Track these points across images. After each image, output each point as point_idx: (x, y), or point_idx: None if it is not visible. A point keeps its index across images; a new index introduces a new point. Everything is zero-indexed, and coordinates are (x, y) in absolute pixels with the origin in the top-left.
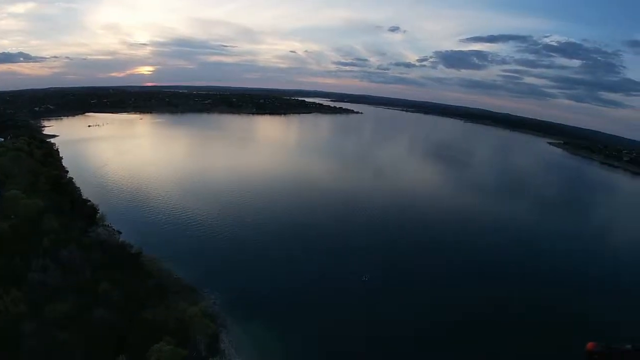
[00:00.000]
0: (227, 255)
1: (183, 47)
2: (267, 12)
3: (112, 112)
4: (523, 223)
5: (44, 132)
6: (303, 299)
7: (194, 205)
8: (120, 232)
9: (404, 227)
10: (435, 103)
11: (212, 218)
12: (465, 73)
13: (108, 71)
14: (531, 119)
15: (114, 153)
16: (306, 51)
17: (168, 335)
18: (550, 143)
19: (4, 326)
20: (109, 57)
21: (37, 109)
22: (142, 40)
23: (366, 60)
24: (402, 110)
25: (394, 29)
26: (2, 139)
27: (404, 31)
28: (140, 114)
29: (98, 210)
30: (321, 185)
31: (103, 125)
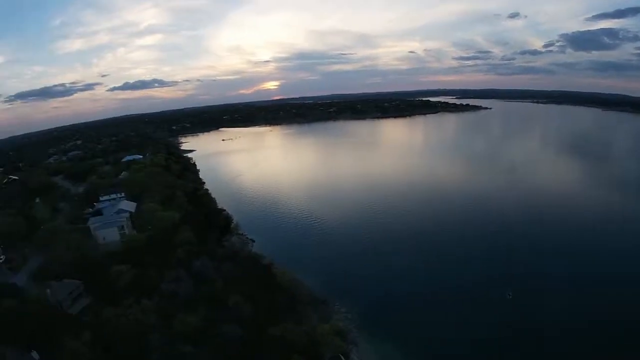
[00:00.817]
0: (358, 266)
1: (304, 59)
2: (381, 15)
3: (243, 126)
4: None
5: (182, 148)
6: (439, 316)
7: (324, 212)
8: (253, 241)
9: (548, 232)
10: (567, 91)
11: (342, 226)
12: (596, 55)
13: (237, 89)
14: None
15: (247, 164)
16: (425, 50)
17: (297, 354)
18: None
19: (132, 337)
20: (236, 76)
21: (174, 127)
22: (265, 58)
23: (489, 51)
24: (533, 102)
25: (514, 15)
26: (141, 156)
27: (525, 16)
28: (269, 126)
29: (232, 219)
30: (453, 188)
31: (235, 138)
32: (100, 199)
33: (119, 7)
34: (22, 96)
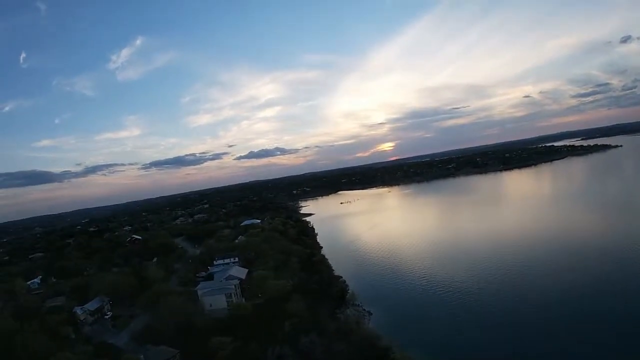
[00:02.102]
0: (493, 348)
1: (417, 118)
2: (489, 64)
3: (361, 189)
4: None
5: (301, 212)
6: None
7: (450, 281)
8: (370, 313)
9: None
10: None
11: (473, 296)
12: None
13: (353, 152)
14: None
15: (365, 226)
16: (540, 92)
17: None
18: None
19: None
20: (352, 140)
21: (294, 192)
22: (379, 120)
23: (607, 83)
24: None
25: (626, 39)
26: (259, 221)
27: (637, 37)
28: (387, 187)
29: (348, 289)
30: (591, 247)
31: (354, 201)
32: (215, 262)
33: (241, 84)
34: (157, 164)
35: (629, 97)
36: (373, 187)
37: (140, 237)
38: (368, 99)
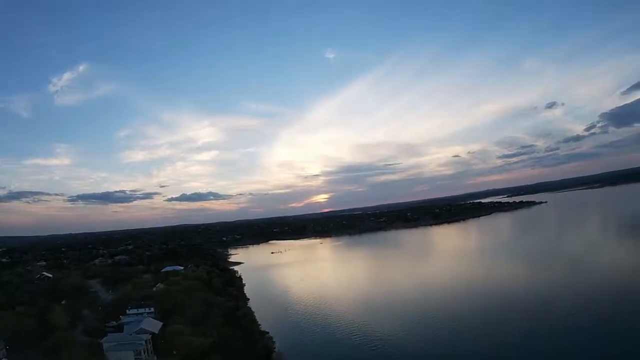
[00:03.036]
0: None
1: (351, 172)
2: (421, 125)
3: (293, 239)
4: None
5: (229, 260)
6: None
7: (382, 336)
8: None
9: None
10: (619, 170)
11: (405, 349)
12: (638, 127)
13: (287, 202)
14: None
15: (296, 278)
16: (469, 152)
17: None
18: None
19: None
20: (287, 190)
21: (224, 238)
22: (315, 172)
23: (532, 145)
24: (587, 188)
25: (551, 105)
26: (182, 267)
27: (562, 104)
28: (319, 238)
29: (275, 346)
30: (517, 300)
31: (285, 251)
32: (128, 311)
33: (180, 124)
34: (84, 197)
35: (552, 157)
36: (305, 237)
37: (50, 275)
38: (305, 150)
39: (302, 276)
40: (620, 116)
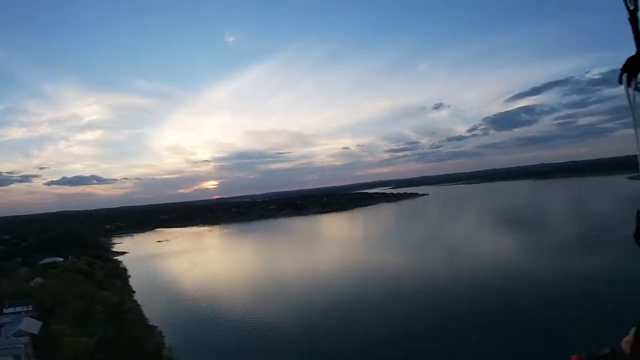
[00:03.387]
0: None
1: (242, 159)
2: (315, 116)
3: (181, 227)
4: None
5: (114, 250)
6: None
7: (278, 321)
8: None
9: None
10: (496, 169)
11: (295, 336)
12: (517, 132)
13: (176, 188)
14: (598, 160)
15: (185, 267)
16: (358, 145)
17: None
18: (631, 177)
19: None
20: (175, 175)
21: (108, 226)
22: (205, 157)
23: (417, 142)
24: (466, 183)
25: (438, 106)
26: (62, 259)
27: (448, 106)
28: (208, 226)
29: (164, 343)
30: (406, 278)
31: (173, 239)
32: (5, 310)
33: (64, 100)
34: None
35: (435, 154)
36: (194, 225)
37: None
38: (197, 134)
39: (191, 265)
40: (501, 121)
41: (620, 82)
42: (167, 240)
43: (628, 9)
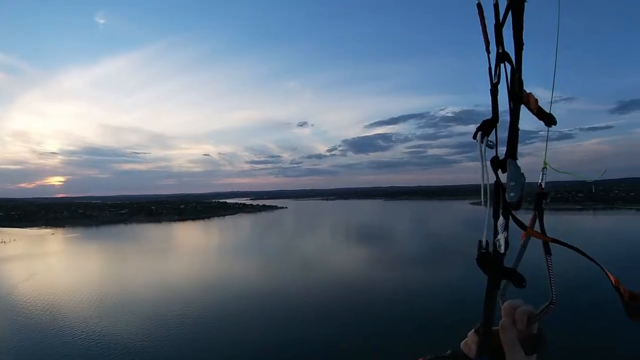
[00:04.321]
0: None
1: (94, 155)
2: (177, 117)
3: (20, 227)
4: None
5: None
6: None
7: (116, 337)
8: None
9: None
10: (351, 188)
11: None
12: (373, 156)
13: (17, 182)
14: (445, 186)
15: (22, 277)
16: (220, 153)
17: None
18: (473, 203)
19: None
20: (18, 167)
21: None
22: (52, 149)
23: (279, 156)
24: (323, 199)
25: (302, 124)
26: None
27: (312, 125)
28: (51, 228)
29: None
30: (253, 291)
31: (10, 242)
32: None
33: None
34: None
35: (294, 169)
36: (35, 226)
37: None
38: (46, 122)
39: (31, 274)
40: (359, 144)
41: (475, 138)
42: (4, 242)
43: (491, 81)
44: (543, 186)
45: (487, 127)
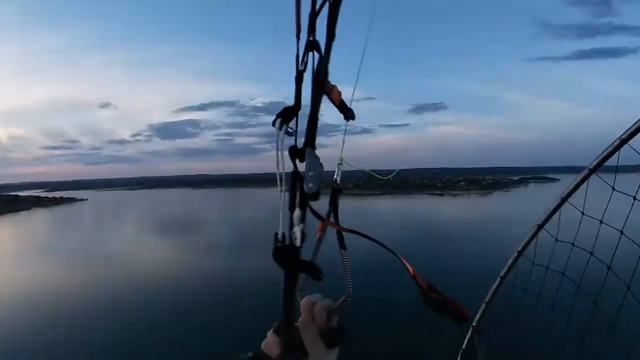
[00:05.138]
0: None
1: None
2: None
3: None
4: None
5: None
6: None
7: None
8: None
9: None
10: (156, 176)
11: None
12: (180, 142)
13: None
14: (254, 174)
15: None
16: (10, 137)
17: None
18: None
19: None
20: None
21: None
22: None
23: (77, 141)
24: (127, 189)
25: (105, 105)
26: None
27: (116, 107)
28: None
29: None
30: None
31: None
32: None
33: None
34: None
35: (94, 156)
36: None
37: None
38: None
39: None
40: (165, 130)
41: (274, 125)
42: None
43: (297, 69)
44: (338, 181)
45: (288, 114)
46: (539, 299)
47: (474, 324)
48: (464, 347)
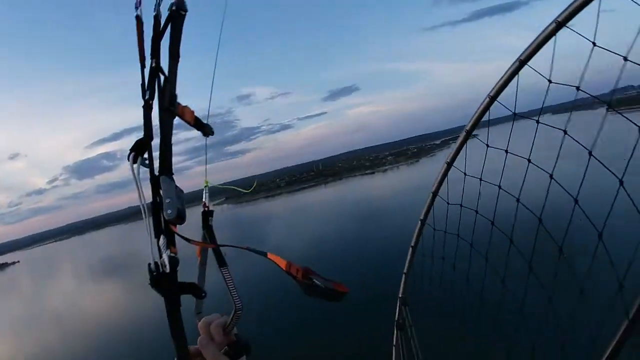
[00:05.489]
0: None
1: None
2: None
3: None
4: None
5: None
6: None
7: None
8: None
9: None
10: (85, 219)
11: None
12: (99, 179)
13: None
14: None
15: None
16: None
17: None
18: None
19: None
20: None
21: None
22: None
23: None
24: (56, 240)
25: (14, 156)
26: None
27: (26, 155)
28: None
29: None
30: None
31: None
32: None
33: None
34: None
35: (14, 213)
36: None
37: None
38: None
39: None
40: (82, 169)
41: (129, 159)
42: None
43: (143, 97)
44: (207, 204)
45: (141, 146)
46: (444, 262)
47: (400, 296)
48: (396, 318)
